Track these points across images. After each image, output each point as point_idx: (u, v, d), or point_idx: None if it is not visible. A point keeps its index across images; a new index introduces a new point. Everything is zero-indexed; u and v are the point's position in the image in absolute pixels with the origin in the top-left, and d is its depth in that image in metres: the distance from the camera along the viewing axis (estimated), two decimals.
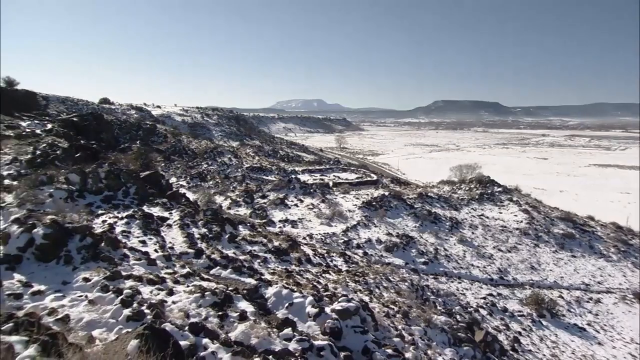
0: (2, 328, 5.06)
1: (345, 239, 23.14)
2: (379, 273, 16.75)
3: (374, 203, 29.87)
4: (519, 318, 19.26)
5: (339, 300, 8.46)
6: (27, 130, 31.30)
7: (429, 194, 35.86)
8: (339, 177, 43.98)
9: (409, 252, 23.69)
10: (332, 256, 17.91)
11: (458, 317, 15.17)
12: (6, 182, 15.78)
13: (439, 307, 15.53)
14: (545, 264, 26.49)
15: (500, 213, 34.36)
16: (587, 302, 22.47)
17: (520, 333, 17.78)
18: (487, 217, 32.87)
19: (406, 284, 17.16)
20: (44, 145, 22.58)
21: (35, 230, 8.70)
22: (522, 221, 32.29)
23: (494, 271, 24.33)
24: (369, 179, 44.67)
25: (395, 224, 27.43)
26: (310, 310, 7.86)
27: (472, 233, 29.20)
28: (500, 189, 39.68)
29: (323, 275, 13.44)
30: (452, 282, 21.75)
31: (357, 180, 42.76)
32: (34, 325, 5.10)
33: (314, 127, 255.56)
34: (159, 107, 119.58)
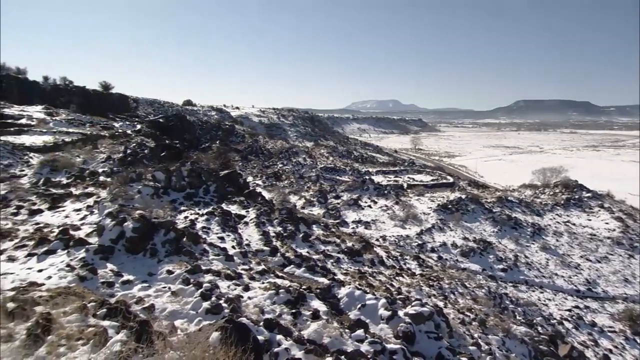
0: (97, 313, 5.48)
1: (420, 242, 22.68)
2: (454, 278, 16.27)
3: (449, 206, 29.03)
4: (609, 334, 17.84)
5: (413, 304, 8.30)
6: (120, 130, 33.81)
7: (508, 198, 34.24)
8: (413, 179, 43.26)
9: (487, 258, 22.78)
10: (406, 259, 17.64)
11: (539, 328, 14.35)
12: (101, 178, 17.13)
13: (518, 317, 14.80)
14: None
15: (589, 220, 32.07)
16: None
17: (611, 351, 16.47)
18: (574, 224, 30.82)
19: (483, 290, 16.52)
20: (134, 144, 24.24)
21: (125, 224, 9.35)
22: (614, 229, 29.92)
23: (581, 282, 22.74)
24: (444, 181, 43.57)
25: (472, 228, 26.48)
26: (383, 312, 7.78)
27: (557, 240, 27.49)
28: (589, 195, 37.05)
29: (396, 278, 13.26)
30: (533, 291, 20.61)
31: (432, 183, 41.84)
32: (124, 312, 5.47)
33: (389, 128, 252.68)
34: (237, 108, 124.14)
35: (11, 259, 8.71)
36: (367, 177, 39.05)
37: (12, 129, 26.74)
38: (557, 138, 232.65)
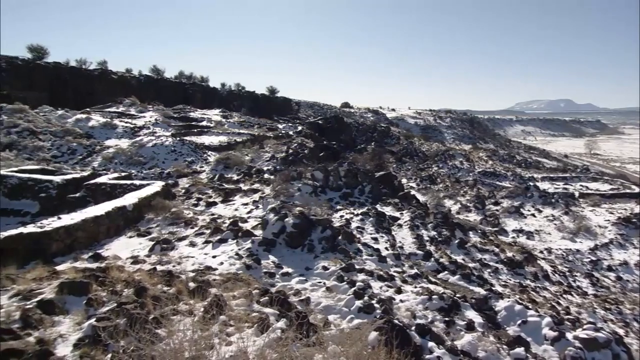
0: (260, 300, 5.93)
1: (593, 259, 20.08)
2: (639, 304, 14.09)
3: (634, 220, 25.21)
4: None
5: (584, 327, 7.38)
6: (283, 132, 36.37)
7: None
8: (587, 187, 38.59)
9: None
10: (576, 276, 15.79)
11: None
12: (266, 176, 18.59)
13: None
14: None
15: None
16: None
17: None
18: None
19: None
20: (295, 145, 25.83)
21: (286, 219, 10.02)
22: None
23: None
24: (628, 191, 37.97)
25: None
26: (548, 332, 7.05)
27: None
28: None
29: (563, 296, 11.95)
30: None
31: (611, 192, 36.80)
32: (283, 302, 5.83)
33: (559, 131, 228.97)
34: (393, 110, 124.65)
35: (192, 244, 9.97)
36: (531, 184, 36.01)
37: (195, 130, 30.58)
38: None
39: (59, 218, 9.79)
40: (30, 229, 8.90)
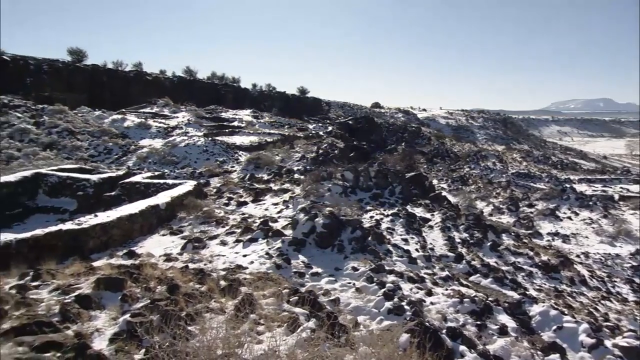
0: (290, 300, 5.96)
1: (634, 264, 19.33)
2: None
3: None
4: None
5: (625, 334, 7.13)
6: (313, 132, 36.47)
7: None
8: (628, 190, 37.19)
9: None
10: (615, 282, 15.24)
11: None
12: (296, 176, 18.68)
13: None
14: None
15: None
16: None
17: None
18: None
19: None
20: (325, 145, 25.85)
21: (316, 219, 10.04)
22: None
23: None
24: None
25: None
26: (585, 339, 6.83)
27: None
28: None
29: (601, 302, 11.55)
30: None
31: None
32: (313, 302, 5.84)
33: (597, 131, 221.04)
34: (424, 110, 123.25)
35: (223, 243, 10.11)
36: (567, 186, 34.97)
37: (226, 130, 30.99)
38: None
39: (96, 216, 10.08)
40: (68, 226, 9.19)
